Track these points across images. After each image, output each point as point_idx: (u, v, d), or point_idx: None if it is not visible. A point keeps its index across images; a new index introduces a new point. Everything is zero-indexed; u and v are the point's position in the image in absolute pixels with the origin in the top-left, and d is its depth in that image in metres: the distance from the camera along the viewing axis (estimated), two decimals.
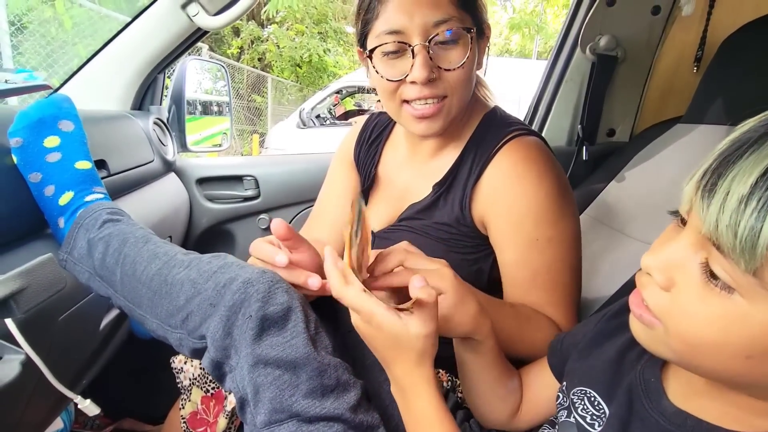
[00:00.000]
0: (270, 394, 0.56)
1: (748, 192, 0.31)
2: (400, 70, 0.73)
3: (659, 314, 0.40)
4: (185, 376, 0.92)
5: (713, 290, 0.35)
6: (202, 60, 1.65)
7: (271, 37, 10.89)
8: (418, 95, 0.73)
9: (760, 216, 0.31)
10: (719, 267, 0.35)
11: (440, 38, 0.71)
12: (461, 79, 0.74)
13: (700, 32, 1.25)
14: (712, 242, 0.34)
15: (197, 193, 1.49)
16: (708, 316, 0.36)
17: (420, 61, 0.71)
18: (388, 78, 0.74)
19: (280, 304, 0.60)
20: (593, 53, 1.38)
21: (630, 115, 1.43)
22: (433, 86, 0.73)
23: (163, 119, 1.38)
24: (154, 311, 0.66)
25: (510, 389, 0.65)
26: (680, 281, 0.38)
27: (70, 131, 0.81)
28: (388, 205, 0.90)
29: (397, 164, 0.92)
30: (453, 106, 0.76)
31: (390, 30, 0.72)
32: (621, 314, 0.57)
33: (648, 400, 0.47)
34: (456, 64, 0.73)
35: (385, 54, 0.74)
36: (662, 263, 0.38)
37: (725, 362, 0.37)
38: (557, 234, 0.75)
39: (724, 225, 0.32)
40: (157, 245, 0.71)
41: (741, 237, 0.32)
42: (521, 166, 0.75)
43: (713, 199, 0.33)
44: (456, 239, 0.80)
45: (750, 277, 0.33)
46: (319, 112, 7.04)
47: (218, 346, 0.60)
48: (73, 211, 0.78)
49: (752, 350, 0.35)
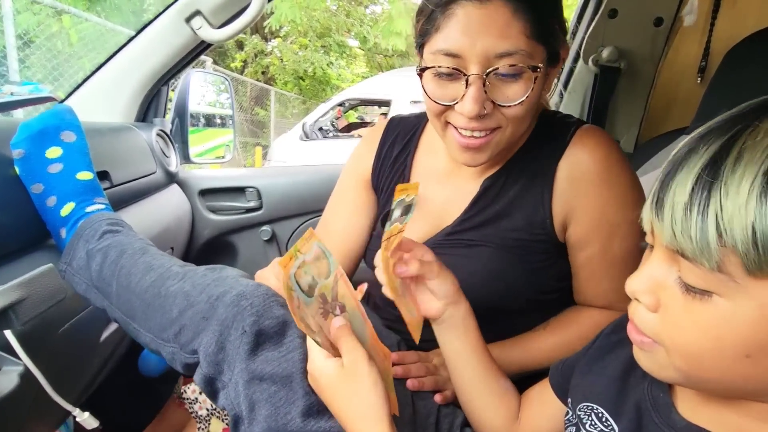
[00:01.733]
0: (265, 412, 0.55)
1: (688, 199, 0.36)
2: (451, 95, 0.66)
3: (655, 336, 0.41)
4: (201, 407, 0.92)
5: (694, 300, 0.37)
6: (205, 72, 1.66)
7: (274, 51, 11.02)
8: (465, 126, 0.67)
9: (703, 217, 0.35)
10: (691, 275, 0.37)
11: (501, 71, 0.63)
12: (518, 114, 0.67)
13: (703, 43, 1.26)
14: (678, 252, 0.37)
15: (199, 204, 1.48)
16: (698, 325, 0.37)
17: (473, 93, 0.63)
18: (435, 100, 0.68)
19: (276, 318, 0.59)
20: (596, 65, 1.39)
21: (634, 127, 1.43)
22: (483, 120, 0.66)
23: (167, 131, 1.38)
24: (147, 324, 0.65)
25: (503, 386, 0.65)
26: (664, 300, 0.40)
27: (72, 142, 0.81)
28: (425, 222, 0.81)
29: (435, 177, 0.83)
30: (504, 140, 0.69)
31: (447, 51, 0.64)
32: (620, 330, 0.56)
33: (657, 415, 0.46)
34: (513, 101, 0.65)
35: (438, 74, 0.67)
36: (644, 285, 0.41)
37: (729, 367, 0.37)
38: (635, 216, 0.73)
39: (679, 232, 0.36)
40: (153, 257, 0.71)
41: (695, 239, 0.35)
42: (604, 150, 0.72)
43: (663, 214, 0.37)
44: (525, 248, 0.75)
45: (718, 274, 0.35)
46: (322, 125, 7.09)
47: (210, 361, 0.59)
48: (75, 221, 0.78)
49: (749, 348, 0.36)
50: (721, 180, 0.34)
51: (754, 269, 0.34)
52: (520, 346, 0.78)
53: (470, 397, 0.66)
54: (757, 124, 0.35)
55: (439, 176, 0.83)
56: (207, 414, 0.91)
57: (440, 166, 0.83)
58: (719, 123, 0.38)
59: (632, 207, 0.71)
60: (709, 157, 0.36)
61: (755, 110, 0.37)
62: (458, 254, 0.77)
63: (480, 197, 0.77)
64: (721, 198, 0.34)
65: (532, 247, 0.75)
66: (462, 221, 0.77)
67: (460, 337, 0.64)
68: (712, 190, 0.35)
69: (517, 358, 0.77)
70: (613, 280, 0.74)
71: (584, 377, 0.56)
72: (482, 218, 0.76)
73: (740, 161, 0.34)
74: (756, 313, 0.35)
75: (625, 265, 0.73)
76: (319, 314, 0.55)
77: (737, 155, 0.35)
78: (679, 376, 0.41)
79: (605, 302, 0.77)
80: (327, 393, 0.54)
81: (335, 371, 0.53)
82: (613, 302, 0.75)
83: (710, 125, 0.38)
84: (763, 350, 0.36)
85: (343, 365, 0.53)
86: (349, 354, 0.53)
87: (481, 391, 0.65)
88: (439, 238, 0.80)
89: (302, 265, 0.52)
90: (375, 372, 0.53)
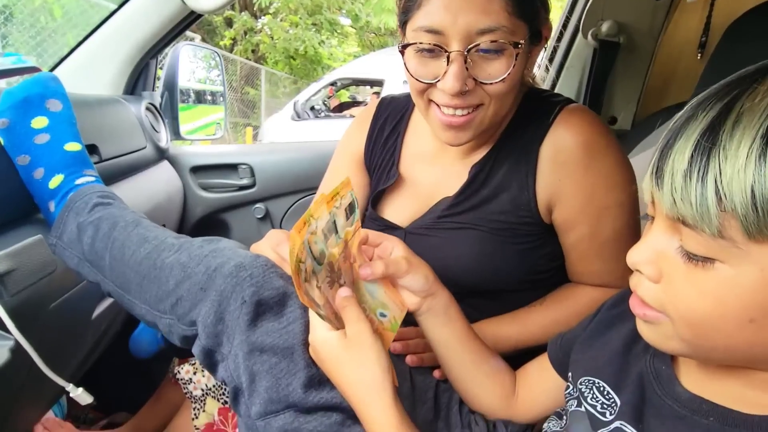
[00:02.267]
0: (266, 383, 0.54)
1: (687, 166, 0.36)
2: (433, 71, 0.66)
3: (659, 306, 0.41)
4: (195, 387, 0.91)
5: (696, 268, 0.37)
6: (195, 46, 1.62)
7: (264, 29, 10.80)
8: (447, 103, 0.67)
9: (702, 182, 0.35)
10: (693, 243, 0.37)
11: (482, 47, 0.63)
12: (500, 91, 0.66)
13: (703, 18, 1.24)
14: (679, 220, 0.37)
15: (191, 181, 1.46)
16: (702, 293, 0.38)
17: (454, 70, 0.63)
18: (417, 78, 0.68)
19: (276, 288, 0.58)
20: (595, 39, 1.37)
21: (632, 103, 1.42)
22: (465, 97, 0.66)
23: (156, 105, 1.35)
24: (142, 296, 0.64)
25: (494, 366, 0.65)
26: (666, 269, 0.40)
27: (58, 111, 0.79)
28: (413, 202, 0.82)
29: (423, 159, 0.84)
30: (486, 117, 0.69)
31: (429, 28, 0.64)
32: (620, 304, 0.56)
33: (660, 388, 0.46)
34: (495, 78, 0.65)
35: (419, 51, 0.66)
36: (646, 255, 0.41)
37: (734, 333, 0.37)
38: (626, 198, 0.72)
39: (680, 199, 0.36)
40: (147, 229, 0.69)
41: (695, 205, 0.35)
42: (587, 131, 0.71)
43: (663, 182, 0.37)
44: (513, 230, 0.75)
45: (719, 240, 0.35)
46: (313, 104, 7.01)
47: (209, 332, 0.58)
48: (64, 194, 0.76)
49: (753, 312, 0.36)
50: (720, 144, 0.34)
51: (754, 232, 0.34)
52: (516, 322, 0.78)
53: (462, 382, 0.66)
54: (756, 87, 0.35)
55: (427, 157, 0.83)
56: (202, 394, 0.91)
57: (428, 147, 0.83)
58: (717, 89, 0.37)
59: (620, 188, 0.72)
60: (708, 122, 0.36)
61: (753, 74, 0.37)
62: (446, 237, 0.77)
63: (469, 184, 0.76)
64: (719, 162, 0.34)
65: (519, 229, 0.75)
66: (451, 206, 0.77)
67: (444, 326, 0.64)
68: (711, 156, 0.35)
69: (514, 334, 0.77)
70: (606, 261, 0.75)
71: (585, 351, 0.56)
72: (470, 204, 0.76)
73: (738, 125, 0.34)
74: (758, 277, 0.35)
75: (616, 246, 0.73)
76: (326, 283, 0.54)
77: (735, 119, 0.35)
78: (685, 347, 0.41)
79: (600, 281, 0.77)
80: (329, 364, 0.54)
81: (338, 342, 0.52)
82: (608, 282, 0.76)
83: (708, 92, 0.38)
84: (765, 314, 0.36)
85: (345, 336, 0.53)
86: (353, 324, 0.53)
87: (473, 374, 0.65)
88: (427, 220, 0.80)
89: (314, 232, 0.50)
90: (379, 343, 0.52)
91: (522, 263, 0.76)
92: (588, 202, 0.72)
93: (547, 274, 0.79)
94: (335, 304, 0.55)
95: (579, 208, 0.72)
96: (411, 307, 0.62)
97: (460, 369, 0.65)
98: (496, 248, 0.75)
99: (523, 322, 0.78)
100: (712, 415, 0.41)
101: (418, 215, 0.81)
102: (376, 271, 0.57)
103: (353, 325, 0.52)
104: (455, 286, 0.67)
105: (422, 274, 0.61)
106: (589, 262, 0.76)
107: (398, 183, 0.85)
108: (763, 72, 0.36)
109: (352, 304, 0.54)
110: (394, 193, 0.86)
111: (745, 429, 0.39)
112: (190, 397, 0.92)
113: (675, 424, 0.43)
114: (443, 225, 0.78)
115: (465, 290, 0.76)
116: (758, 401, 0.40)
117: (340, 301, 0.54)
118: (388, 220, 0.84)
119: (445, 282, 0.65)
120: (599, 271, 0.76)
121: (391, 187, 0.85)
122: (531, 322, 0.77)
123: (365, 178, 0.92)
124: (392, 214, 0.85)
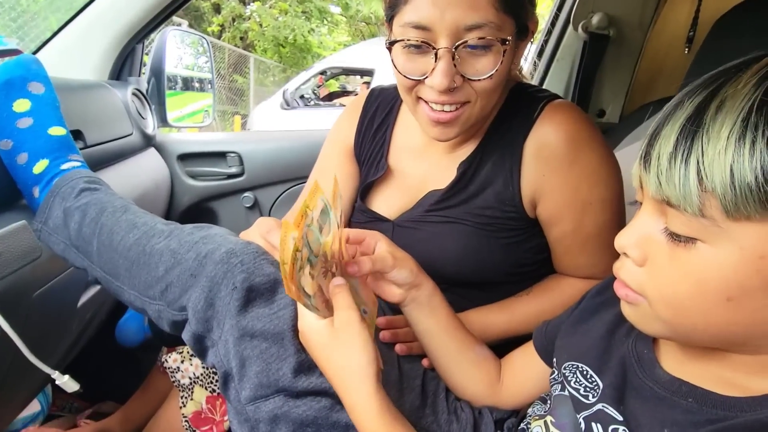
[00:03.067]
0: (257, 368, 0.54)
1: (673, 149, 0.37)
2: (421, 68, 0.67)
3: (640, 289, 0.42)
4: (183, 375, 0.91)
5: (679, 248, 0.39)
6: (183, 31, 1.59)
7: (253, 15, 10.64)
8: (435, 99, 0.68)
9: (686, 164, 0.37)
10: (677, 223, 0.39)
11: (470, 43, 0.64)
12: (487, 88, 0.67)
13: (692, 13, 1.25)
14: (664, 201, 0.39)
15: (178, 169, 1.44)
16: (682, 272, 0.39)
17: (442, 67, 0.64)
18: (405, 74, 0.68)
19: (267, 275, 0.58)
20: (585, 31, 1.37)
21: (620, 96, 1.43)
22: (453, 94, 0.67)
23: (143, 90, 1.33)
24: (131, 282, 0.63)
25: (479, 354, 0.66)
26: (651, 253, 0.41)
27: (40, 94, 0.77)
28: (403, 194, 0.83)
29: (412, 152, 0.84)
30: (474, 114, 0.70)
31: (416, 24, 0.64)
32: (604, 291, 0.57)
33: (641, 370, 0.47)
34: (483, 74, 0.65)
35: (407, 47, 0.66)
36: (633, 239, 0.42)
37: (711, 312, 0.39)
38: (610, 195, 0.73)
39: (665, 181, 0.38)
40: (136, 215, 0.68)
41: (678, 186, 0.37)
42: (571, 128, 0.71)
43: (650, 165, 0.39)
44: (497, 225, 0.75)
45: (702, 220, 0.37)
46: (303, 93, 6.94)
47: (200, 318, 0.57)
48: (49, 179, 0.74)
49: (730, 291, 0.37)
50: (704, 128, 0.36)
51: (732, 211, 0.35)
52: (504, 311, 0.79)
53: (448, 370, 0.67)
54: (740, 75, 0.37)
55: (415, 151, 0.84)
56: (190, 382, 0.91)
57: (417, 141, 0.84)
58: (705, 79, 0.39)
59: (605, 184, 0.73)
60: (693, 108, 0.38)
61: (738, 65, 0.38)
62: (434, 231, 0.78)
63: (457, 181, 0.77)
64: (702, 145, 0.36)
65: (505, 224, 0.75)
66: (439, 201, 0.78)
67: (429, 316, 0.64)
68: (695, 138, 0.36)
69: (501, 323, 0.78)
70: (590, 256, 0.76)
71: (569, 338, 0.57)
72: (458, 199, 0.77)
73: (722, 109, 0.36)
74: (737, 256, 0.37)
75: (600, 241, 0.74)
76: (320, 273, 0.54)
77: (719, 104, 0.36)
78: (665, 328, 0.42)
79: (584, 274, 0.78)
80: (317, 351, 0.54)
81: (326, 329, 0.53)
82: (593, 274, 0.77)
83: (697, 81, 0.40)
84: (743, 292, 0.37)
85: (333, 324, 0.53)
86: (344, 311, 0.53)
87: (458, 361, 0.66)
88: (415, 214, 0.80)
89: (311, 223, 0.50)
90: (366, 333, 0.53)
91: (508, 256, 0.77)
92: (572, 198, 0.72)
93: (532, 267, 0.80)
94: (328, 291, 0.55)
95: (563, 204, 0.73)
96: (396, 299, 0.63)
97: (446, 357, 0.66)
98: (482, 242, 0.76)
99: (510, 311, 0.79)
100: (690, 396, 0.43)
101: (406, 208, 0.82)
102: (363, 268, 0.57)
103: (344, 311, 0.53)
104: (442, 279, 0.68)
105: (407, 267, 0.62)
106: (573, 256, 0.77)
107: (387, 175, 0.85)
108: (748, 63, 0.38)
109: (344, 291, 0.54)
110: (382, 185, 0.86)
111: (722, 410, 0.40)
112: (178, 386, 0.92)
113: (654, 404, 0.44)
114: (431, 219, 0.78)
115: (452, 282, 0.78)
116: (736, 383, 0.42)
117: (333, 288, 0.54)
118: (376, 212, 0.85)
119: (432, 274, 0.65)
120: (584, 265, 0.77)
121: (379, 179, 0.85)
122: (518, 312, 0.78)
123: (355, 168, 0.92)
124: (380, 206, 0.85)
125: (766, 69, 0.36)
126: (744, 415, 0.39)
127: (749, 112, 0.35)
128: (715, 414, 0.40)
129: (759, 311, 0.38)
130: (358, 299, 0.59)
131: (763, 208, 0.35)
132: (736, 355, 0.42)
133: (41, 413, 1.10)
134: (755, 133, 0.34)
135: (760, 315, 0.38)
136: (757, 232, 0.36)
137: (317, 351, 0.54)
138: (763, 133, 0.34)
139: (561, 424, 0.52)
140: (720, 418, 0.40)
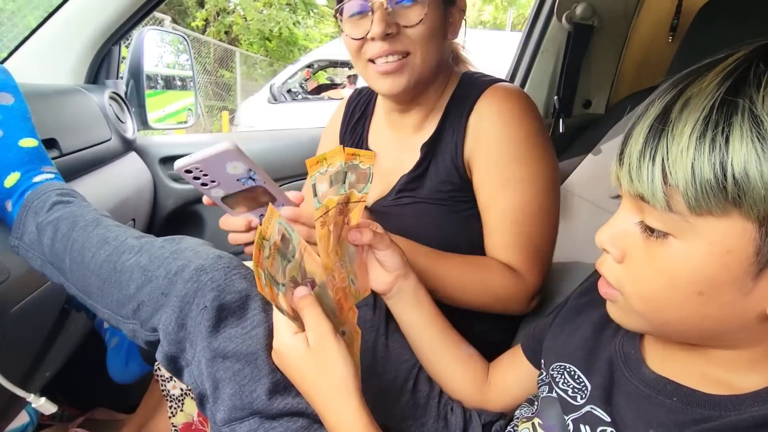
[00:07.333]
0: (230, 390, 0.53)
1: (642, 146, 0.39)
2: (364, 28, 0.77)
3: (617, 284, 0.43)
4: (174, 386, 0.89)
5: (654, 243, 0.40)
6: (161, 30, 1.55)
7: (237, 9, 10.49)
8: (379, 51, 0.76)
9: (652, 161, 0.38)
10: (651, 217, 0.40)
11: None
12: (422, 35, 0.76)
13: (675, 1, 1.24)
14: (639, 197, 0.40)
15: (161, 173, 1.41)
16: (657, 268, 0.40)
17: (378, 17, 0.74)
18: (352, 37, 0.78)
19: (238, 292, 0.57)
20: (569, 22, 1.36)
21: (606, 86, 1.42)
22: (393, 42, 0.76)
23: (120, 94, 1.29)
24: (104, 301, 0.62)
25: (465, 351, 0.68)
26: (629, 249, 0.42)
27: (10, 105, 0.75)
28: (379, 181, 0.89)
29: (384, 145, 0.93)
30: (416, 64, 0.78)
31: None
32: (589, 292, 0.58)
33: (628, 369, 0.48)
34: (414, 21, 0.76)
35: (351, 15, 0.78)
36: (611, 235, 0.43)
37: (684, 306, 0.40)
38: (530, 176, 0.77)
39: (635, 177, 0.39)
40: (107, 229, 0.67)
41: (647, 182, 0.38)
42: (502, 106, 0.79)
43: (623, 163, 0.41)
44: (453, 198, 0.81)
45: (672, 215, 0.38)
46: (290, 87, 6.87)
47: (171, 339, 0.56)
48: (21, 193, 0.73)
49: (701, 285, 0.38)
50: (669, 126, 0.37)
51: (695, 206, 0.36)
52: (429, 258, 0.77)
53: (435, 364, 0.68)
54: (706, 74, 0.38)
55: (387, 143, 0.92)
56: (181, 393, 0.89)
57: (388, 134, 0.92)
58: (676, 78, 0.40)
59: (527, 164, 0.77)
60: (662, 107, 0.39)
61: (707, 64, 0.39)
62: (402, 212, 0.84)
63: (420, 162, 0.84)
64: (667, 143, 0.37)
65: (457, 196, 0.82)
66: (405, 183, 0.85)
67: (414, 308, 0.67)
68: (661, 137, 0.38)
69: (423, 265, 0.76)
70: (503, 234, 0.78)
71: (556, 338, 0.58)
72: (422, 180, 0.84)
73: (686, 108, 0.37)
74: (705, 251, 0.38)
75: (515, 220, 0.77)
76: (291, 298, 0.53)
77: (684, 103, 0.37)
78: (643, 322, 0.44)
79: (502, 257, 0.78)
80: (294, 371, 0.53)
81: (303, 349, 0.51)
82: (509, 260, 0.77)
83: (668, 81, 0.41)
84: (713, 287, 0.38)
85: (309, 341, 0.52)
86: (313, 329, 0.52)
87: (446, 357, 0.67)
88: (388, 199, 0.87)
89: (270, 254, 0.49)
90: (343, 346, 0.52)
91: (467, 229, 0.82)
92: (493, 170, 0.78)
93: None
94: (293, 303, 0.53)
95: (485, 174, 0.79)
96: (383, 288, 0.66)
97: (432, 350, 0.68)
98: (445, 217, 0.82)
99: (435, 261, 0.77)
100: (675, 395, 0.43)
101: (381, 195, 0.89)
102: (364, 237, 0.61)
103: (313, 330, 0.52)
104: None
105: (398, 254, 0.65)
106: (490, 231, 0.80)
107: None
108: (716, 63, 0.39)
109: (309, 305, 0.53)
110: None
111: (707, 409, 0.41)
112: (167, 395, 0.91)
113: (640, 403, 0.45)
114: (401, 202, 0.85)
115: None
116: (720, 380, 0.42)
117: (297, 302, 0.53)
118: None
119: None
120: (499, 244, 0.79)
121: None
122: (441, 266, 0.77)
123: None
124: None
125: (731, 67, 0.37)
126: (729, 414, 0.40)
127: (710, 111, 0.36)
128: (700, 414, 0.41)
129: (729, 305, 0.38)
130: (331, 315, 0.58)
131: (723, 204, 0.36)
132: (716, 351, 0.43)
133: (30, 424, 1.08)
134: (715, 131, 0.35)
135: (731, 309, 0.39)
136: (722, 227, 0.36)
137: (294, 370, 0.53)
138: (723, 130, 0.35)
139: (549, 426, 0.52)
140: (705, 418, 0.41)
